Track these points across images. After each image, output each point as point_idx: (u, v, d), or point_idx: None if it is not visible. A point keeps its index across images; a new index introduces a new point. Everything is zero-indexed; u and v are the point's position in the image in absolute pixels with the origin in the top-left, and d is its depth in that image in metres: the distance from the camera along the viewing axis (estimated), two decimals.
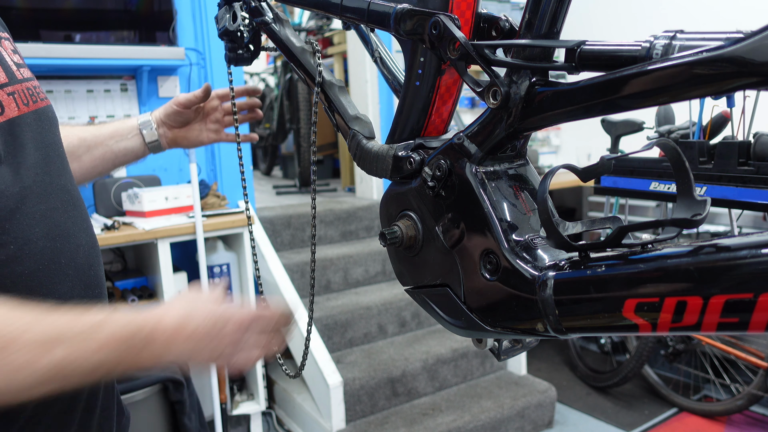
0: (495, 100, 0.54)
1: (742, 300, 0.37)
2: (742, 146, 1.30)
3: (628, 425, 2.69)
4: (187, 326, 0.62)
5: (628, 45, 0.49)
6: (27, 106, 0.65)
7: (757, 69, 0.37)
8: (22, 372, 0.51)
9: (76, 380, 0.56)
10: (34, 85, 0.68)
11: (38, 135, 0.66)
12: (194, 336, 0.62)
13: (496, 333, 0.57)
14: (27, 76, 0.68)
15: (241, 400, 2.62)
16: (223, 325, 0.64)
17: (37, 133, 0.66)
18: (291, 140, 4.86)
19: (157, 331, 0.60)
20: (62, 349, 0.53)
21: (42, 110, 0.68)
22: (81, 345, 0.54)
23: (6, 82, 0.62)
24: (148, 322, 0.60)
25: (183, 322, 0.62)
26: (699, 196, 0.44)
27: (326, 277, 2.93)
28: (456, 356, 2.68)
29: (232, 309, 0.66)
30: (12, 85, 0.63)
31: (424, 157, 0.63)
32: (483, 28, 0.61)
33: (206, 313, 0.64)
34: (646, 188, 1.52)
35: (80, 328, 0.55)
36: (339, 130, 0.77)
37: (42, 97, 0.70)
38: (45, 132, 0.68)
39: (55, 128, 0.72)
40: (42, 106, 0.69)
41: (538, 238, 0.55)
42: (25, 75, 0.67)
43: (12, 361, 0.50)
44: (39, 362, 0.52)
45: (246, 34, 0.96)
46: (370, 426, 2.39)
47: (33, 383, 0.52)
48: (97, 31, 2.48)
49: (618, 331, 0.46)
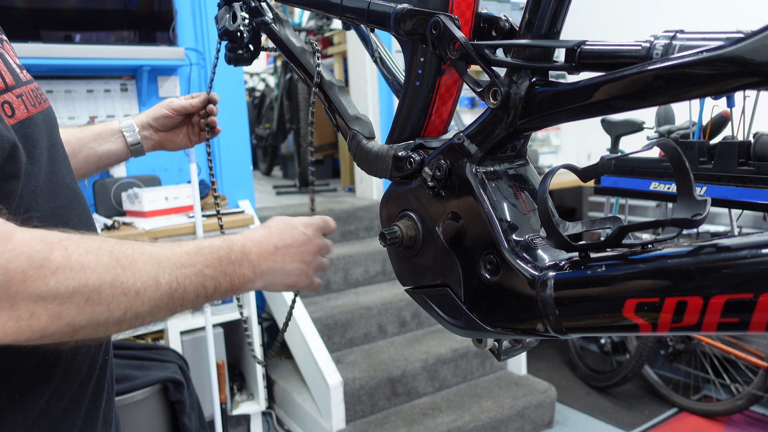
0: (495, 100, 0.54)
1: (743, 300, 0.37)
2: (742, 146, 1.30)
3: (628, 425, 2.69)
4: (272, 238, 0.67)
5: (628, 45, 0.49)
6: (34, 107, 0.66)
7: (757, 69, 0.37)
8: (149, 290, 0.52)
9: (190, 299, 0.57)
10: (35, 87, 0.69)
11: (45, 135, 0.67)
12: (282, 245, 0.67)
13: (496, 333, 0.57)
14: (28, 78, 0.68)
15: (241, 400, 2.62)
16: (304, 228, 0.70)
17: (45, 133, 0.67)
18: (291, 140, 4.87)
19: (248, 244, 0.64)
20: (176, 270, 0.55)
21: (46, 111, 0.69)
22: (189, 265, 0.57)
23: (13, 85, 0.63)
24: (238, 240, 0.64)
25: (267, 235, 0.67)
26: (699, 196, 0.44)
27: (326, 277, 2.93)
28: (456, 356, 2.68)
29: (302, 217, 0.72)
30: (18, 88, 0.63)
31: (424, 157, 0.63)
32: (483, 28, 0.61)
33: (284, 223, 0.70)
34: (646, 188, 1.52)
35: (182, 251, 0.58)
36: (339, 130, 0.77)
37: (44, 99, 0.71)
38: (50, 132, 0.69)
39: (56, 129, 0.72)
40: (45, 107, 0.70)
41: (538, 238, 0.55)
42: (27, 77, 0.68)
43: (140, 278, 0.51)
44: (160, 281, 0.53)
45: (246, 34, 0.96)
46: (370, 426, 2.39)
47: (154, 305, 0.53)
48: (97, 31, 2.48)
49: (618, 331, 0.46)
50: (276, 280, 0.68)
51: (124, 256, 0.51)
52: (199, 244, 0.60)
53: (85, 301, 0.47)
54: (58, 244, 0.46)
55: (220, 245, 0.62)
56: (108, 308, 0.49)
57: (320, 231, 0.73)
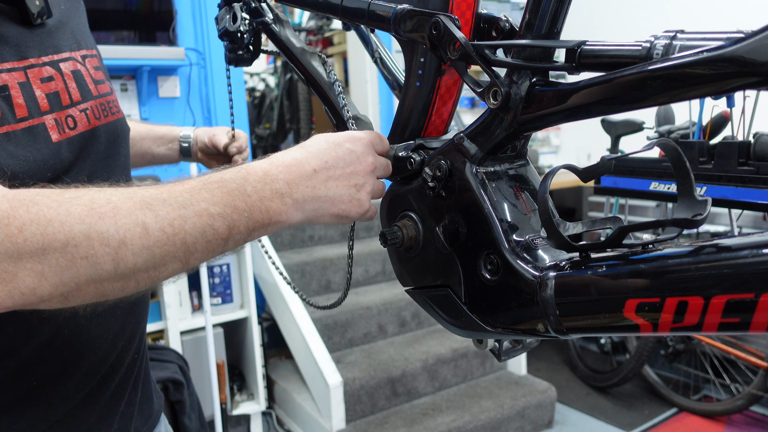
0: (495, 101, 0.54)
1: (744, 300, 0.37)
2: (742, 146, 1.30)
3: (628, 425, 2.69)
4: (310, 160, 0.55)
5: (628, 45, 0.49)
6: (99, 120, 0.67)
7: (757, 69, 0.37)
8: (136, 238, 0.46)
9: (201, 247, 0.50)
10: (108, 100, 0.72)
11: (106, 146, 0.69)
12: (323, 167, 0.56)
13: (497, 333, 0.57)
14: (103, 91, 0.71)
15: (241, 400, 2.62)
16: (352, 144, 0.58)
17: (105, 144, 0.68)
18: (291, 140, 4.86)
19: (273, 169, 0.54)
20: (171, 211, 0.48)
21: (112, 124, 0.71)
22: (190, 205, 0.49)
23: (79, 101, 0.64)
24: (259, 166, 0.54)
25: (303, 157, 0.55)
26: (699, 196, 0.44)
27: (326, 277, 2.93)
28: (456, 356, 2.68)
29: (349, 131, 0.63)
30: (85, 102, 0.65)
31: (425, 158, 0.63)
32: (483, 29, 0.61)
33: (327, 140, 0.57)
34: (646, 188, 1.52)
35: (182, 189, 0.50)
36: (339, 131, 0.77)
37: (114, 112, 0.72)
38: (112, 143, 0.70)
39: (122, 140, 0.74)
40: (112, 119, 0.71)
41: (538, 239, 0.55)
42: (102, 90, 0.70)
43: (123, 226, 0.45)
44: (149, 226, 0.46)
45: (246, 34, 0.96)
46: (370, 426, 2.39)
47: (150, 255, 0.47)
48: (97, 31, 2.48)
49: (619, 331, 0.46)
50: (320, 208, 0.56)
51: (105, 202, 0.46)
52: (207, 179, 0.52)
53: (62, 256, 0.43)
54: (25, 200, 0.43)
55: (232, 176, 0.52)
56: (91, 262, 0.44)
57: (372, 147, 0.60)
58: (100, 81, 0.70)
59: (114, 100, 0.73)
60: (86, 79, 0.67)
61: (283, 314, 2.67)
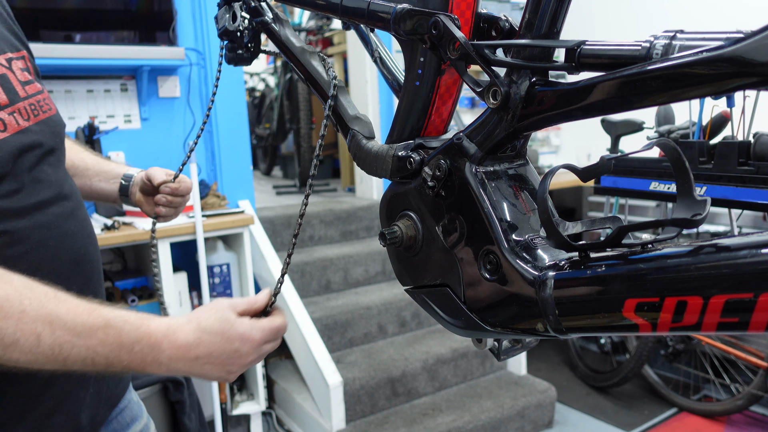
0: (495, 100, 0.54)
1: (742, 300, 0.37)
2: (742, 146, 1.30)
3: (628, 425, 2.69)
4: (198, 348, 0.63)
5: (628, 45, 0.49)
6: (28, 120, 0.72)
7: (757, 69, 0.37)
8: (28, 343, 0.56)
9: (77, 367, 0.60)
10: (38, 99, 0.76)
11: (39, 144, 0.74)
12: (206, 356, 0.63)
13: (496, 333, 0.57)
14: (32, 92, 0.75)
15: (241, 400, 2.62)
16: (242, 345, 0.65)
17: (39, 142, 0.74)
18: (291, 140, 4.86)
19: (164, 343, 0.62)
20: (66, 335, 0.58)
21: (43, 121, 0.76)
22: (85, 337, 0.59)
23: (6, 104, 0.70)
24: (155, 334, 0.62)
25: (194, 343, 0.63)
26: (699, 196, 0.44)
27: (326, 277, 2.93)
28: (456, 356, 2.68)
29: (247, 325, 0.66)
30: (13, 105, 0.71)
31: (424, 157, 0.63)
32: (483, 28, 0.61)
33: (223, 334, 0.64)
34: (646, 188, 1.52)
35: (84, 320, 0.59)
36: (339, 131, 0.77)
37: (45, 109, 0.77)
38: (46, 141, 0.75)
39: (56, 135, 0.79)
40: (43, 117, 0.76)
41: (538, 238, 0.55)
42: (30, 91, 0.75)
43: (21, 330, 0.56)
44: (43, 339, 0.57)
45: (246, 34, 0.96)
46: (370, 426, 2.39)
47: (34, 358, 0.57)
48: (97, 31, 2.48)
49: (618, 330, 0.46)
50: (189, 375, 0.67)
51: (16, 305, 0.56)
52: (109, 321, 0.60)
53: None
54: None
55: (129, 331, 0.61)
56: None
57: (261, 344, 0.67)
58: (28, 82, 0.75)
59: (45, 98, 0.77)
60: (12, 82, 0.72)
61: None
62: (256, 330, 0.66)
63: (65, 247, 0.75)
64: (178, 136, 2.71)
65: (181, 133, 2.71)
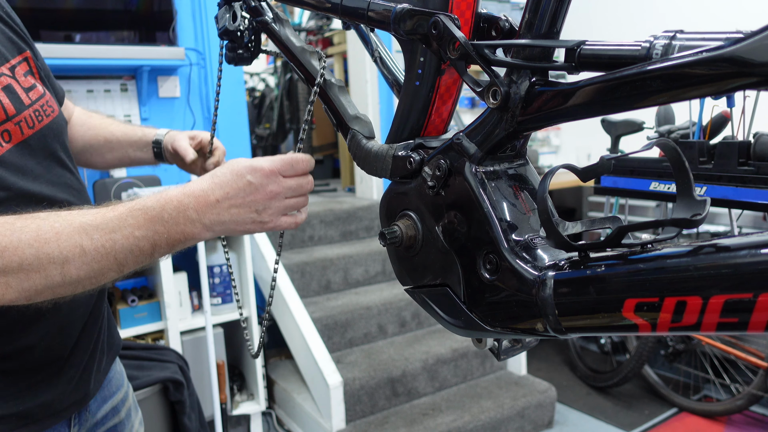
0: (495, 100, 0.54)
1: (742, 300, 0.37)
2: (742, 146, 1.30)
3: (628, 425, 2.69)
4: (214, 191, 0.64)
5: (627, 45, 0.49)
6: (32, 128, 0.75)
7: (757, 69, 0.37)
8: (76, 255, 0.59)
9: (130, 261, 0.62)
10: (41, 104, 0.77)
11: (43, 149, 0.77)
12: (225, 198, 0.64)
13: (496, 333, 0.57)
14: (35, 97, 0.76)
15: (241, 400, 2.62)
16: (252, 176, 0.65)
17: (42, 147, 0.77)
18: (291, 140, 4.86)
19: (185, 199, 0.64)
20: (103, 235, 0.60)
21: (47, 126, 0.78)
22: (118, 229, 0.61)
23: (14, 114, 0.71)
24: (174, 195, 0.64)
25: (209, 188, 0.65)
26: (699, 196, 0.44)
27: (326, 277, 2.93)
28: (456, 356, 2.68)
29: (259, 159, 0.67)
30: (19, 114, 0.72)
31: (424, 157, 0.63)
32: (483, 28, 0.61)
33: (232, 171, 0.65)
34: (646, 188, 1.52)
35: (112, 216, 0.62)
36: (339, 130, 0.77)
37: (48, 113, 0.79)
38: (49, 145, 0.78)
39: (58, 139, 0.81)
40: (47, 122, 0.78)
41: (537, 238, 0.55)
42: (33, 97, 0.76)
43: (65, 248, 0.58)
44: (86, 248, 0.59)
45: (246, 33, 0.96)
46: (370, 426, 2.39)
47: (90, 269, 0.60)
48: (97, 31, 2.48)
49: (618, 330, 0.46)
50: (227, 229, 0.67)
51: (49, 229, 0.58)
52: (132, 207, 0.63)
53: (20, 273, 0.56)
54: None
55: (153, 205, 0.63)
56: (44, 275, 0.58)
57: (275, 175, 0.67)
58: (31, 87, 0.77)
59: (47, 101, 0.79)
60: (17, 91, 0.74)
61: (283, 314, 2.67)
62: (264, 160, 0.67)
63: None
64: None
65: None
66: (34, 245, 0.57)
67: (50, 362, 0.78)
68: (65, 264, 0.58)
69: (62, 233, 0.58)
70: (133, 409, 1.03)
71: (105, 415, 0.93)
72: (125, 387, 1.01)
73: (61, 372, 0.79)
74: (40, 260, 0.57)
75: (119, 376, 1.00)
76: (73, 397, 0.82)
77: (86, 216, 0.61)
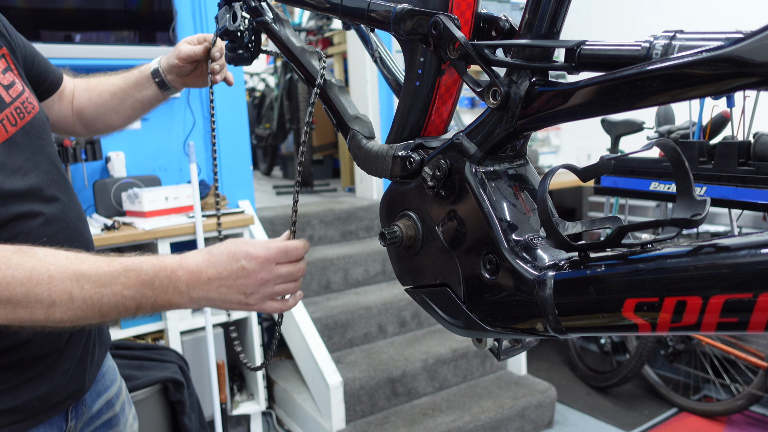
0: (495, 100, 0.54)
1: (742, 300, 0.37)
2: (742, 146, 1.30)
3: (628, 425, 2.69)
4: (208, 269, 0.67)
5: (627, 45, 0.49)
6: (15, 126, 0.76)
7: (757, 69, 0.37)
8: (64, 301, 0.62)
9: (114, 314, 0.65)
10: (21, 101, 0.78)
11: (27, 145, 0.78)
12: (217, 277, 0.67)
13: (496, 333, 0.57)
14: (15, 95, 0.77)
15: (241, 400, 2.62)
16: (247, 262, 0.68)
17: (26, 144, 0.78)
18: (291, 140, 4.86)
19: (179, 271, 0.66)
20: (93, 287, 0.63)
21: (29, 123, 0.79)
22: (109, 285, 0.64)
23: None
24: (170, 265, 0.67)
25: (204, 265, 0.67)
26: (699, 196, 0.44)
27: (326, 277, 2.93)
28: (456, 356, 2.68)
29: (255, 245, 0.69)
30: (1, 113, 0.73)
31: (424, 157, 0.63)
32: (483, 28, 0.61)
33: (228, 253, 0.68)
34: (646, 188, 1.52)
35: (106, 271, 0.64)
36: (339, 130, 0.77)
37: (29, 110, 0.80)
38: (33, 141, 0.80)
39: (42, 134, 0.83)
40: (29, 119, 0.79)
41: (537, 238, 0.55)
42: (14, 94, 0.77)
43: (54, 292, 0.62)
44: (74, 296, 0.63)
45: (246, 34, 0.96)
46: (370, 426, 2.39)
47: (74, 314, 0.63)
48: (97, 31, 2.48)
49: (618, 330, 0.46)
50: (214, 304, 0.70)
51: (44, 271, 0.62)
52: (128, 266, 0.66)
53: (8, 305, 0.61)
54: None
55: (147, 269, 0.66)
56: (29, 312, 0.62)
57: (269, 263, 0.69)
58: (11, 84, 0.77)
59: (27, 98, 0.80)
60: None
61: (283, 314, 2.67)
62: (260, 247, 0.69)
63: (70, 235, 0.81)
64: (178, 136, 2.71)
65: (181, 133, 2.71)
66: (26, 284, 0.61)
67: (46, 355, 0.79)
68: (52, 306, 0.62)
69: (55, 278, 0.62)
70: (127, 403, 1.04)
71: (100, 409, 0.94)
72: (118, 382, 1.03)
73: (56, 365, 0.81)
74: (29, 299, 0.61)
75: (112, 371, 1.02)
76: (68, 389, 0.83)
77: (83, 264, 0.64)
